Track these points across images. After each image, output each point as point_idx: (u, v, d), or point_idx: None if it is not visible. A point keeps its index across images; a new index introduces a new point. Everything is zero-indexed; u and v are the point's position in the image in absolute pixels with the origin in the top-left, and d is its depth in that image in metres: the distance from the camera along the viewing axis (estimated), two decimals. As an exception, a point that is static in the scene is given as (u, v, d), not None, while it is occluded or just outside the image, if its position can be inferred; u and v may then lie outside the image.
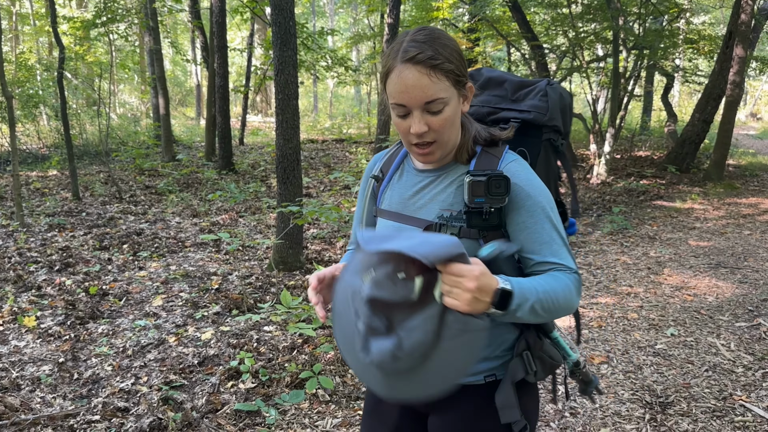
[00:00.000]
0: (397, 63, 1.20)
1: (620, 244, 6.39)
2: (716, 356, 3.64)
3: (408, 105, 1.21)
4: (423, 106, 1.21)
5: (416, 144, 1.26)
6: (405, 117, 1.24)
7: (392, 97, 1.23)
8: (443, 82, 1.20)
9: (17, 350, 3.68)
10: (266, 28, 17.94)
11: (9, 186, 9.24)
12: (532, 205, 1.25)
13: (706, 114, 10.49)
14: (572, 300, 1.22)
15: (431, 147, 1.26)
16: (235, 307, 4.41)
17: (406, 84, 1.19)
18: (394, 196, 1.41)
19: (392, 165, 1.45)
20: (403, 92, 1.20)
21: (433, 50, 1.19)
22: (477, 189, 1.22)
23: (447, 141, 1.27)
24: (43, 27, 18.07)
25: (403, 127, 1.25)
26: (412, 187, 1.38)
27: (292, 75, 4.97)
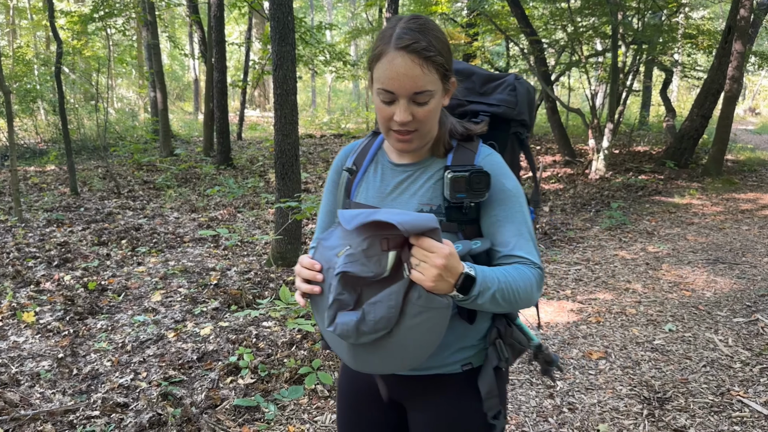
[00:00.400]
0: (390, 49, 1.20)
1: (618, 240, 6.40)
2: (714, 352, 3.65)
3: (396, 92, 1.21)
4: (411, 96, 1.21)
5: (397, 131, 1.26)
6: (390, 104, 1.24)
7: (380, 82, 1.22)
8: (433, 74, 1.22)
9: (16, 346, 3.68)
10: (264, 23, 17.88)
11: (7, 181, 9.22)
12: (506, 200, 1.30)
13: (705, 109, 10.49)
14: (533, 294, 1.25)
15: (411, 135, 1.27)
16: (234, 303, 4.41)
17: (398, 72, 1.19)
18: (370, 190, 1.40)
19: (366, 158, 1.43)
20: (393, 79, 1.20)
21: (427, 41, 1.20)
22: (458, 185, 1.24)
23: (427, 132, 1.29)
24: (41, 21, 17.98)
25: (386, 113, 1.25)
26: (389, 181, 1.37)
27: (290, 70, 4.96)
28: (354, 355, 1.23)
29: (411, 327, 1.15)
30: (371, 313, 1.13)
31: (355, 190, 1.42)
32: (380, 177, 1.39)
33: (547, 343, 3.82)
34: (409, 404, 1.43)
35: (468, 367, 1.36)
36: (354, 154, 1.46)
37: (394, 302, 1.13)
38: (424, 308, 1.14)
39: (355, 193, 1.41)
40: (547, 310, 4.39)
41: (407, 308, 1.14)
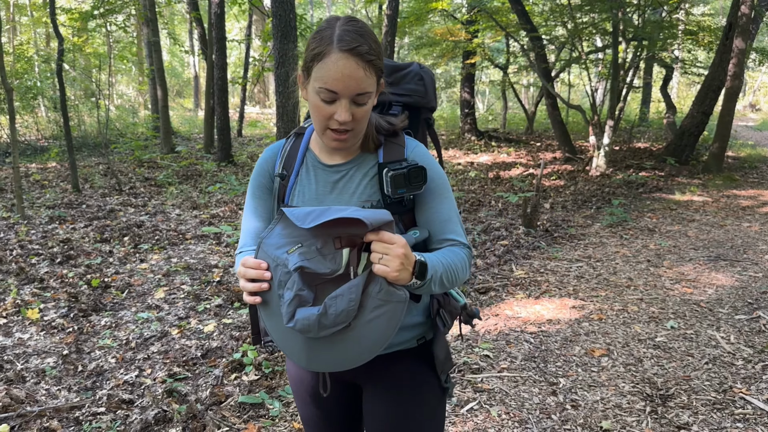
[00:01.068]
0: (333, 50, 1.22)
1: (620, 237, 6.41)
2: (716, 349, 3.67)
3: (339, 93, 1.24)
4: (352, 97, 1.25)
5: (335, 130, 1.29)
6: (330, 103, 1.26)
7: (322, 82, 1.24)
8: (372, 77, 1.26)
9: (21, 342, 3.69)
10: (264, 20, 17.85)
11: (9, 178, 9.23)
12: (436, 188, 1.38)
13: (706, 106, 10.50)
14: (467, 271, 1.36)
15: (348, 134, 1.30)
16: (236, 300, 4.42)
17: (343, 73, 1.22)
18: (306, 193, 1.41)
19: (296, 161, 1.44)
20: (338, 80, 1.22)
21: (369, 45, 1.24)
22: (398, 181, 1.30)
23: (361, 131, 1.33)
24: (41, 18, 17.96)
25: (326, 112, 1.27)
26: (324, 182, 1.40)
27: (292, 67, 4.96)
28: (309, 352, 1.25)
29: (370, 320, 1.19)
30: (332, 306, 1.16)
31: (289, 195, 1.42)
32: (314, 179, 1.41)
33: (549, 340, 3.84)
34: (366, 382, 1.48)
35: (422, 341, 1.46)
36: (280, 158, 1.46)
37: (354, 295, 1.17)
38: (383, 302, 1.18)
39: (290, 197, 1.42)
40: (549, 307, 4.40)
41: (367, 302, 1.18)
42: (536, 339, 3.85)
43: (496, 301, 4.52)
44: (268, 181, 1.46)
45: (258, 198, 1.47)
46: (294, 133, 1.50)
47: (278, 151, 1.47)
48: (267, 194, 1.47)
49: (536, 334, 3.91)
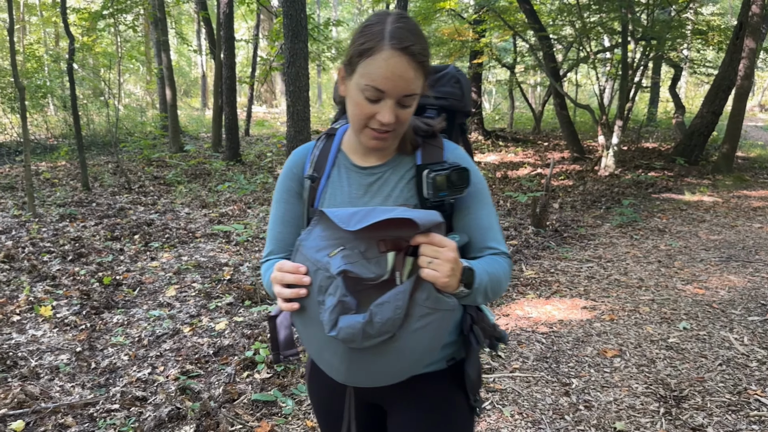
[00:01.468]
0: (385, 46, 1.16)
1: (630, 237, 6.39)
2: (730, 350, 3.65)
3: (387, 92, 1.18)
4: (400, 99, 1.19)
5: (375, 129, 1.23)
6: (375, 102, 1.20)
7: (370, 79, 1.17)
8: (421, 79, 1.21)
9: (35, 339, 3.71)
10: (272, 19, 17.88)
11: (20, 176, 9.28)
12: (477, 192, 1.31)
13: (715, 105, 10.44)
14: (507, 282, 1.30)
15: (389, 135, 1.24)
16: (247, 298, 4.43)
17: (394, 72, 1.16)
18: (338, 196, 1.33)
19: (327, 163, 1.36)
20: (387, 79, 1.16)
21: (421, 45, 1.18)
22: (440, 184, 1.23)
23: (401, 133, 1.28)
24: (50, 18, 18.05)
25: (368, 110, 1.20)
26: (358, 185, 1.33)
27: (303, 67, 4.97)
28: (349, 364, 1.15)
29: (416, 330, 1.10)
30: (378, 314, 1.07)
31: (319, 198, 1.34)
32: (347, 181, 1.34)
33: (561, 341, 3.82)
34: (392, 404, 1.39)
35: (452, 361, 1.37)
36: (311, 160, 1.38)
37: (401, 303, 1.08)
38: (431, 310, 1.10)
39: (321, 200, 1.34)
40: (560, 307, 4.39)
41: (413, 310, 1.09)
42: (548, 339, 3.83)
43: (507, 301, 4.51)
44: (297, 185, 1.39)
45: (285, 202, 1.40)
46: (324, 134, 1.42)
47: (307, 153, 1.40)
48: (295, 199, 1.39)
49: (548, 334, 3.90)
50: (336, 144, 1.39)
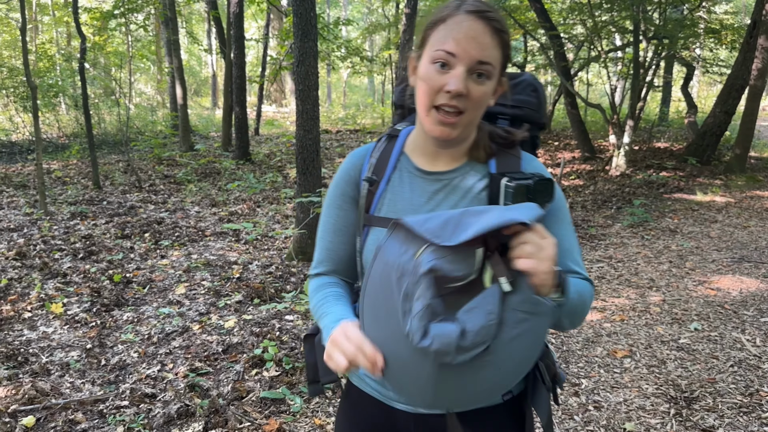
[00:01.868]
0: (459, 13, 1.07)
1: (641, 237, 6.34)
2: (741, 351, 3.61)
3: (458, 56, 1.05)
4: (473, 66, 1.06)
5: (443, 106, 1.08)
6: (444, 72, 1.07)
7: (440, 45, 1.06)
8: (498, 51, 1.09)
9: (46, 336, 3.74)
10: (281, 18, 17.92)
11: (32, 175, 9.36)
12: (558, 210, 1.18)
13: (728, 105, 10.33)
14: (592, 298, 1.17)
15: (458, 118, 1.09)
16: (256, 296, 4.44)
17: (467, 34, 1.05)
18: (398, 203, 1.20)
19: (388, 165, 1.23)
20: (458, 40, 1.05)
21: (499, 18, 1.09)
22: (520, 194, 1.09)
23: (471, 122, 1.12)
24: (62, 18, 18.18)
25: (437, 81, 1.07)
26: (422, 191, 1.19)
27: (312, 66, 4.97)
28: (438, 383, 0.96)
29: (512, 339, 0.94)
30: (468, 322, 0.92)
31: (377, 203, 1.21)
32: (409, 187, 1.21)
33: (571, 341, 3.80)
34: None
35: (508, 396, 1.22)
36: (370, 162, 1.25)
37: (492, 307, 0.93)
38: (528, 314, 0.95)
39: (377, 206, 1.21)
40: (570, 307, 4.36)
41: (507, 315, 0.93)
42: (557, 339, 3.82)
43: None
44: (353, 189, 1.26)
45: (339, 208, 1.27)
46: (386, 135, 1.29)
47: (366, 155, 1.27)
48: (350, 205, 1.26)
49: (557, 334, 3.88)
50: (399, 146, 1.26)
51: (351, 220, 1.26)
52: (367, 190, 1.22)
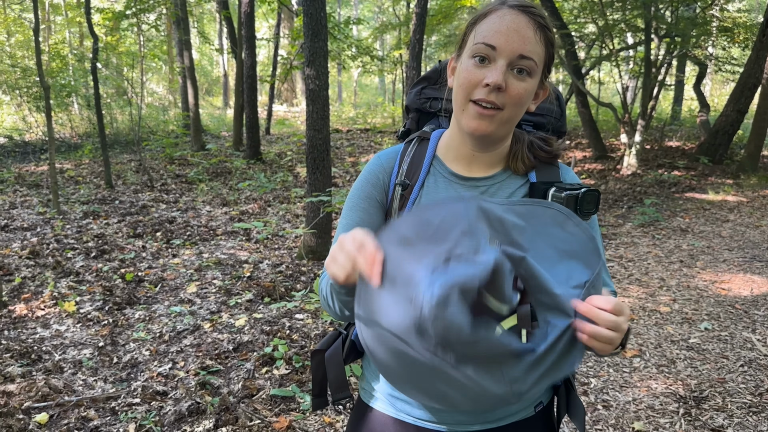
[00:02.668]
0: (503, 7, 1.04)
1: (652, 237, 6.31)
2: (752, 351, 3.59)
3: (499, 49, 1.02)
4: (513, 60, 1.03)
5: (480, 101, 1.04)
6: (484, 64, 1.04)
7: (481, 38, 1.03)
8: (541, 48, 1.05)
9: (59, 334, 3.79)
10: (293, 18, 17.98)
11: (45, 174, 9.46)
12: (593, 224, 1.17)
13: (741, 104, 10.25)
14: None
15: (495, 113, 1.04)
16: (267, 295, 4.47)
17: (508, 26, 1.02)
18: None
19: (421, 169, 1.18)
20: (500, 32, 1.02)
21: (543, 15, 1.06)
22: (569, 206, 1.07)
23: (510, 119, 1.08)
24: (75, 18, 18.34)
25: (476, 76, 1.04)
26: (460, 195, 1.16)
27: (322, 66, 4.99)
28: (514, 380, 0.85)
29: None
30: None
31: (410, 209, 1.16)
32: (444, 192, 1.16)
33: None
34: None
35: (540, 407, 1.22)
36: (400, 164, 1.20)
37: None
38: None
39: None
40: (580, 306, 4.36)
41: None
42: (566, 338, 3.81)
43: (526, 300, 4.49)
44: (380, 193, 1.20)
45: (363, 211, 1.20)
46: (417, 137, 1.24)
47: (395, 158, 1.22)
48: (375, 208, 1.20)
49: (566, 333, 3.88)
50: (431, 149, 1.20)
51: (375, 223, 1.19)
52: (400, 195, 1.17)
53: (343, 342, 1.30)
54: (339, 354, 1.28)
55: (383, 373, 0.96)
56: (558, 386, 1.26)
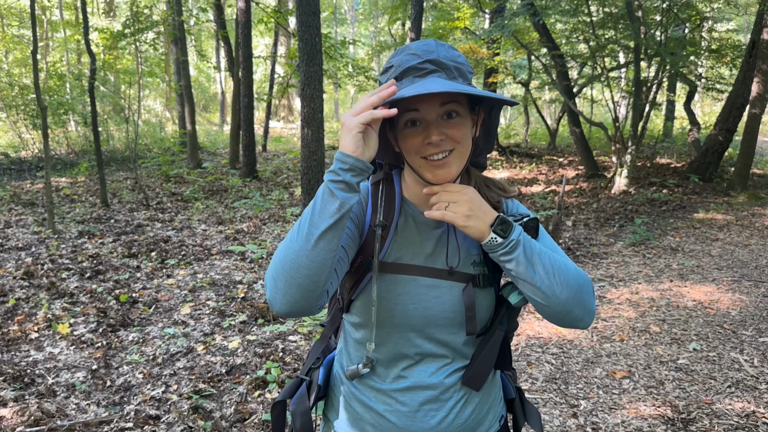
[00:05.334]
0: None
1: (642, 256, 6.37)
2: (739, 372, 3.64)
3: (422, 109, 1.12)
4: (439, 112, 1.12)
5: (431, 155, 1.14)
6: (417, 127, 1.13)
7: (403, 108, 1.12)
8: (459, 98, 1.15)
9: (52, 357, 3.81)
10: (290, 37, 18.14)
11: (40, 192, 9.49)
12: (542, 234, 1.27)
13: (730, 123, 10.40)
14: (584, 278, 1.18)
15: (449, 157, 1.14)
16: (260, 316, 4.50)
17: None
18: (408, 247, 1.23)
19: (395, 211, 1.24)
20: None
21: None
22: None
23: (463, 154, 1.16)
24: (73, 36, 18.47)
25: (416, 140, 1.13)
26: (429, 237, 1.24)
27: (317, 89, 5.07)
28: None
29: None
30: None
31: (387, 250, 1.22)
32: (416, 232, 1.24)
33: (571, 362, 3.84)
34: None
35: (503, 420, 1.37)
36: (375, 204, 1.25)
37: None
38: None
39: (387, 253, 1.22)
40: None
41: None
42: (557, 360, 3.85)
43: (519, 321, 4.52)
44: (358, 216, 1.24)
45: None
46: (383, 178, 1.29)
47: (366, 195, 1.27)
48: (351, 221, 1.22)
49: (557, 355, 3.92)
50: (398, 190, 1.27)
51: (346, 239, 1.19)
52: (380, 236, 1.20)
53: (308, 388, 1.34)
54: (305, 402, 1.31)
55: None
56: (513, 398, 1.40)
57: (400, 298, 1.20)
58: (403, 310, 1.20)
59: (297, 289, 1.02)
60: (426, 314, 1.20)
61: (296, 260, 1.01)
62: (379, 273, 1.20)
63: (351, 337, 1.30)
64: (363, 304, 1.23)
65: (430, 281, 1.21)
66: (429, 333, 1.22)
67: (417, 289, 1.21)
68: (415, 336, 1.22)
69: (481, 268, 1.23)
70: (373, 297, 1.18)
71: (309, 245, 1.01)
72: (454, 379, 1.24)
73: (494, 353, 1.21)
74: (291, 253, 1.02)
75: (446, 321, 1.21)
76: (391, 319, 1.21)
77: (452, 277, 1.21)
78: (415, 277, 1.21)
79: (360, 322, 1.25)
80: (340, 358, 1.36)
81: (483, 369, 1.22)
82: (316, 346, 1.45)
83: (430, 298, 1.20)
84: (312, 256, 1.01)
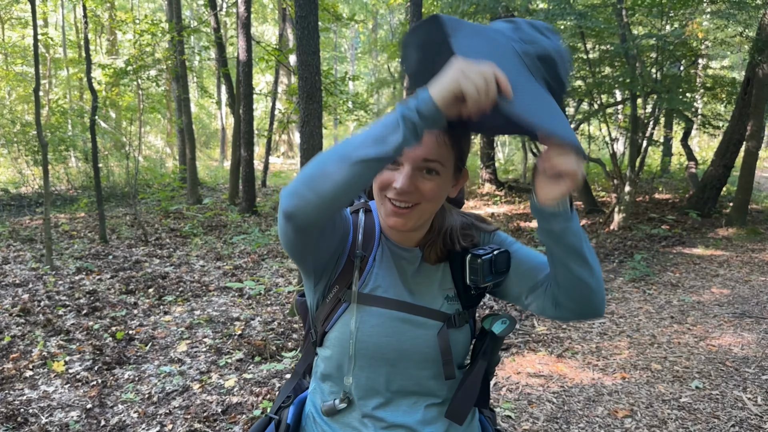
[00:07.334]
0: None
1: (643, 292, 6.35)
2: (743, 411, 3.59)
3: (404, 155, 1.09)
4: (419, 164, 1.10)
5: (394, 200, 1.12)
6: (394, 166, 1.12)
7: None
8: (445, 150, 1.12)
9: (46, 395, 3.76)
10: (290, 74, 18.42)
11: (39, 228, 9.49)
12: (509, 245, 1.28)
13: (727, 159, 10.48)
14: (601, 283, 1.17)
15: (411, 210, 1.13)
16: (257, 354, 4.46)
17: None
18: (386, 279, 1.22)
19: (374, 242, 1.24)
20: None
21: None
22: (485, 268, 1.17)
23: (425, 213, 1.16)
24: (76, 74, 18.74)
25: (387, 179, 1.12)
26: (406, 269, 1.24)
27: (317, 126, 5.12)
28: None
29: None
30: None
31: (364, 280, 1.22)
32: (394, 264, 1.24)
33: (572, 401, 3.79)
34: None
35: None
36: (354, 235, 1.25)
37: None
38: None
39: (365, 283, 1.21)
40: (572, 365, 4.36)
41: None
42: (558, 399, 3.80)
43: (518, 358, 4.48)
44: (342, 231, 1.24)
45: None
46: (363, 209, 1.30)
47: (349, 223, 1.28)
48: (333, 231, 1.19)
49: (559, 393, 3.87)
50: (377, 221, 1.27)
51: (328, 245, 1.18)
52: (359, 266, 1.21)
53: (276, 427, 1.32)
54: None
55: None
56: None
57: (374, 330, 1.19)
58: (377, 342, 1.19)
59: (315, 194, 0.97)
60: (399, 347, 1.19)
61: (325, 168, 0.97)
62: (356, 303, 1.19)
63: (324, 373, 1.28)
64: (337, 336, 1.21)
65: (404, 316, 1.20)
66: (402, 368, 1.21)
67: (391, 322, 1.20)
68: (388, 371, 1.21)
69: (455, 304, 1.24)
70: (351, 328, 1.18)
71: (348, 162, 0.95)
72: (431, 414, 1.24)
73: (477, 384, 1.20)
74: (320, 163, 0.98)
75: (420, 356, 1.20)
76: (364, 350, 1.19)
77: (427, 313, 1.21)
78: (390, 311, 1.20)
79: (333, 355, 1.23)
80: (313, 397, 1.33)
81: (466, 401, 1.21)
82: (287, 385, 1.43)
83: (403, 330, 1.19)
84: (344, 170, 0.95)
